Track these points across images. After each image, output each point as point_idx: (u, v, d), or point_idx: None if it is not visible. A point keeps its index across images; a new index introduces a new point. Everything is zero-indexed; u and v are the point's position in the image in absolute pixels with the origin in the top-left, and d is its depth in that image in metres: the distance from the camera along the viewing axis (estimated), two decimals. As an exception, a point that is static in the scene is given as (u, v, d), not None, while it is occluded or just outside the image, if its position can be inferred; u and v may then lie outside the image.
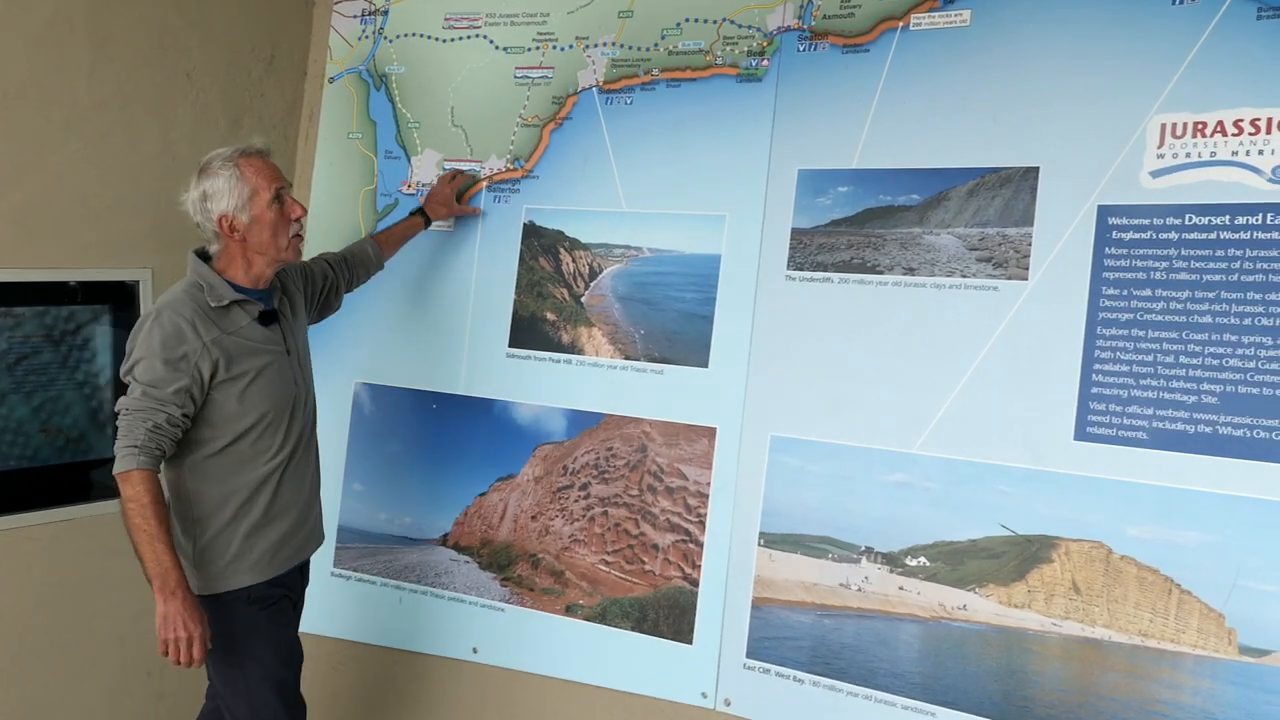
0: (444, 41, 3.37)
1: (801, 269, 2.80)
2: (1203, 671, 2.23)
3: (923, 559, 2.57)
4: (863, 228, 2.73)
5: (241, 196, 2.37)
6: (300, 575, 2.69)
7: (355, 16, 3.49)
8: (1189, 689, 2.24)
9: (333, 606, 3.32)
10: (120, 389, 2.42)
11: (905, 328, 2.64)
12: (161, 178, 3.08)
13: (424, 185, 3.33)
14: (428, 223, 3.15)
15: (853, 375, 2.69)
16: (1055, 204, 2.48)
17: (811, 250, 2.79)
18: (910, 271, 2.65)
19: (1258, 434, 2.20)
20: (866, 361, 2.68)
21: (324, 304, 2.91)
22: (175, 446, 2.34)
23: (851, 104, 2.76)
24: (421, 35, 3.40)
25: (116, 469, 2.26)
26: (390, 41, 3.43)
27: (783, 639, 2.75)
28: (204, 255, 2.47)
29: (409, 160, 3.37)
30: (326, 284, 2.89)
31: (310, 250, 3.11)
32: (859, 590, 2.65)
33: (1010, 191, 2.55)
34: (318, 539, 2.73)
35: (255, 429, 2.42)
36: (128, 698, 3.21)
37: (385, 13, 3.45)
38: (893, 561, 2.61)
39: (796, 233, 2.82)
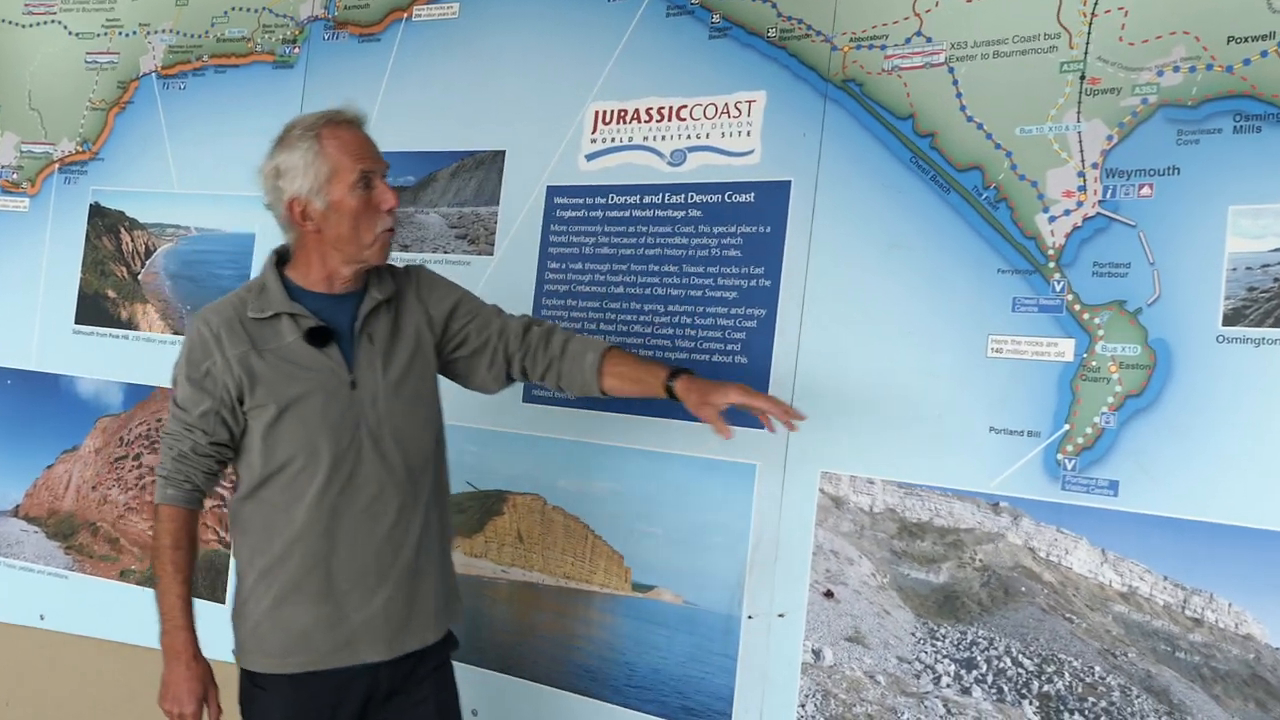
0: (24, 27, 3.30)
1: (320, 246, 2.84)
2: (606, 607, 2.35)
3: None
4: (370, 207, 2.77)
5: (319, 177, 1.78)
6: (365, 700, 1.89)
7: (-60, 0, 3.36)
8: (597, 624, 2.36)
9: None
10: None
11: (402, 301, 2.69)
12: None
13: (4, 166, 3.25)
14: (670, 394, 1.93)
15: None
16: (516, 185, 2.57)
17: (329, 228, 2.83)
18: (405, 249, 2.71)
19: (651, 392, 2.33)
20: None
21: (463, 358, 2.05)
22: (213, 480, 1.90)
23: (365, 89, 2.78)
24: (2, 20, 3.30)
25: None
26: (-27, 26, 3.32)
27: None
28: (285, 253, 1.93)
29: (-11, 142, 3.28)
30: (480, 338, 2.02)
31: None
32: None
33: (483, 174, 2.63)
34: (385, 642, 1.88)
35: (279, 476, 1.83)
36: None
37: (-32, -3, 3.34)
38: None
39: (319, 212, 2.85)
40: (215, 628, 1.97)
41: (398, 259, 2.64)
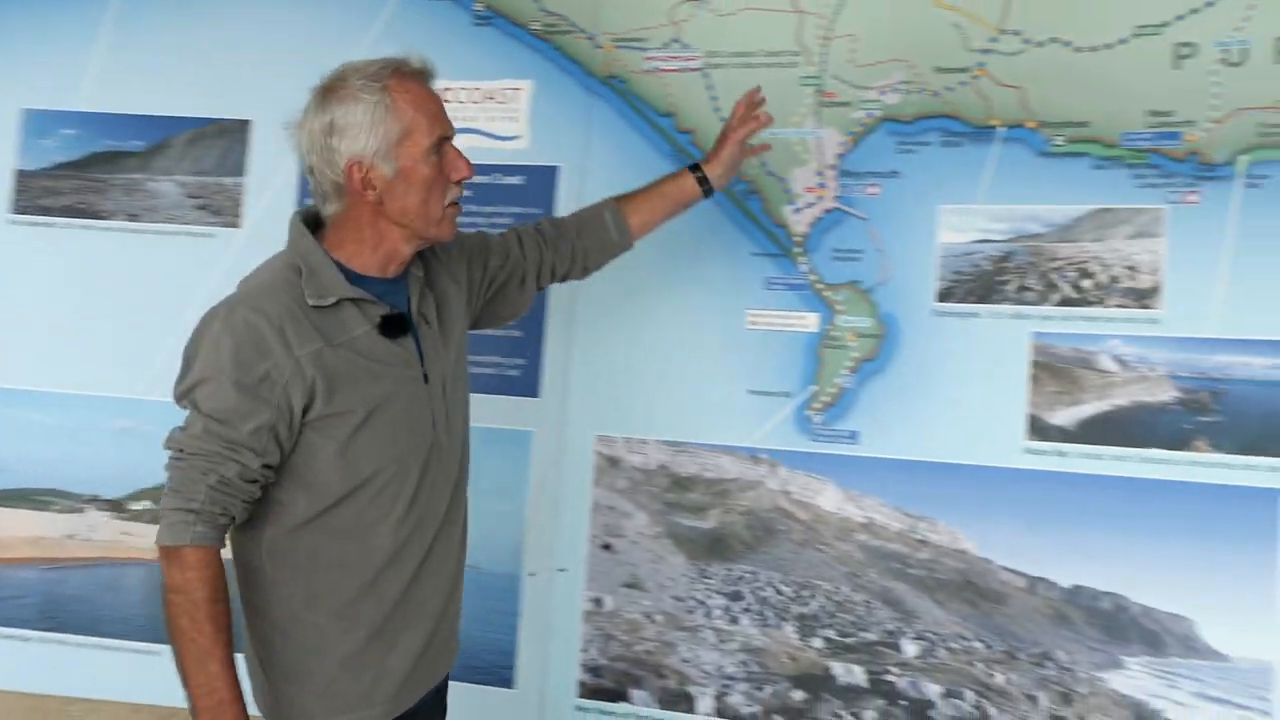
0: None
1: (26, 213, 2.51)
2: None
3: (146, 502, 2.43)
4: (88, 172, 2.50)
5: (388, 137, 1.44)
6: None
7: None
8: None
9: None
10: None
11: (129, 274, 2.46)
12: None
13: None
14: (707, 192, 1.91)
15: (79, 323, 2.46)
16: (266, 156, 2.43)
17: (36, 194, 2.51)
18: (134, 218, 2.47)
19: (487, 370, 2.30)
20: (92, 309, 2.46)
21: (497, 297, 1.80)
22: (247, 513, 1.46)
23: (76, 44, 2.51)
24: None
25: (161, 539, 1.39)
26: None
27: (8, 599, 2.47)
28: (313, 219, 1.54)
29: None
30: (506, 270, 1.78)
31: None
32: (85, 540, 2.45)
33: (226, 143, 2.46)
34: (450, 654, 1.69)
35: (359, 495, 1.48)
36: None
37: None
38: (118, 508, 2.44)
39: (21, 175, 2.52)
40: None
41: (126, 228, 2.46)
